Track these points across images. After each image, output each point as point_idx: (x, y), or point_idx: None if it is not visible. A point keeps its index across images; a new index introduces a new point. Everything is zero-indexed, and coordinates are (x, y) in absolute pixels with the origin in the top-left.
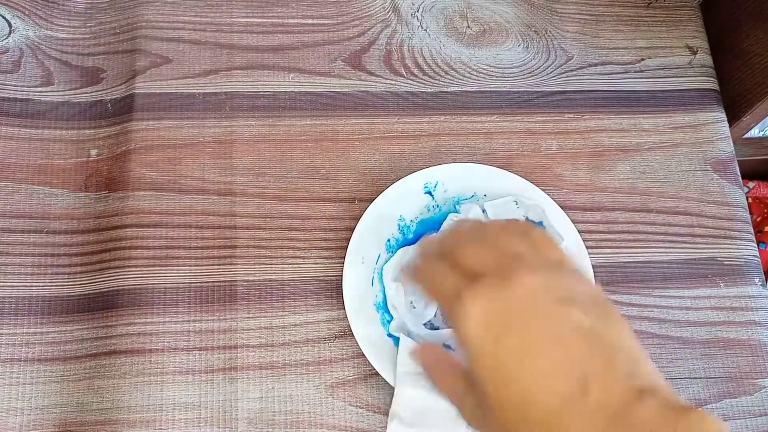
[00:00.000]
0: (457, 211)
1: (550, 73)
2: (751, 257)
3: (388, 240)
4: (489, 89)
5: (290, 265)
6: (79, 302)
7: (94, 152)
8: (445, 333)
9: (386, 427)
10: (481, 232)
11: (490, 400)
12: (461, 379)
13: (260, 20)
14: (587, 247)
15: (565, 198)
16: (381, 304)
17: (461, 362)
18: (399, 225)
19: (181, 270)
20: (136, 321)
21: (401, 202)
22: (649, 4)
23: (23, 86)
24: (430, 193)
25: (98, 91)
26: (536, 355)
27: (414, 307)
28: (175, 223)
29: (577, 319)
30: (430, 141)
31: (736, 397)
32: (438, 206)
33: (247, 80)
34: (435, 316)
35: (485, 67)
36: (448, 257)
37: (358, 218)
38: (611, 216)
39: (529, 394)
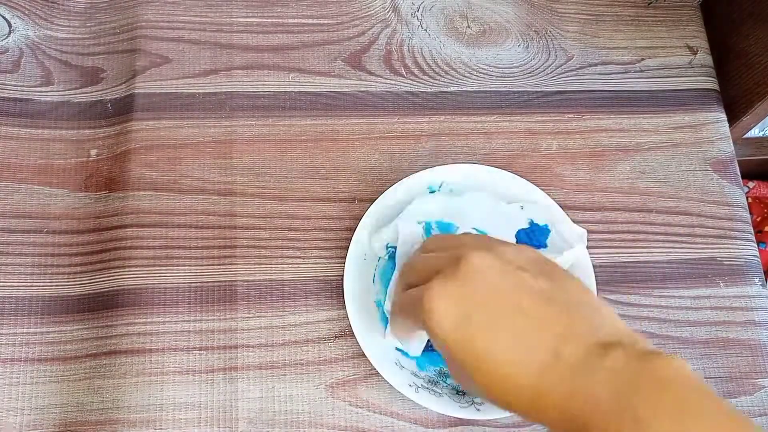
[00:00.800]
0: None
1: (550, 73)
2: (751, 257)
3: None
4: (489, 89)
5: (290, 265)
6: (79, 302)
7: (94, 152)
8: None
9: (386, 426)
10: (421, 251)
11: (474, 381)
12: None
13: (260, 20)
14: (588, 247)
15: (565, 198)
16: (381, 302)
17: None
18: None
19: (181, 270)
20: (136, 321)
21: (402, 202)
22: (649, 4)
23: (23, 86)
24: (434, 193)
25: (98, 91)
26: (502, 329)
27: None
28: (175, 223)
29: (531, 284)
30: (430, 141)
31: (736, 397)
32: None
33: (247, 80)
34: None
35: (485, 67)
36: (411, 277)
37: (358, 218)
38: (611, 216)
39: (506, 369)
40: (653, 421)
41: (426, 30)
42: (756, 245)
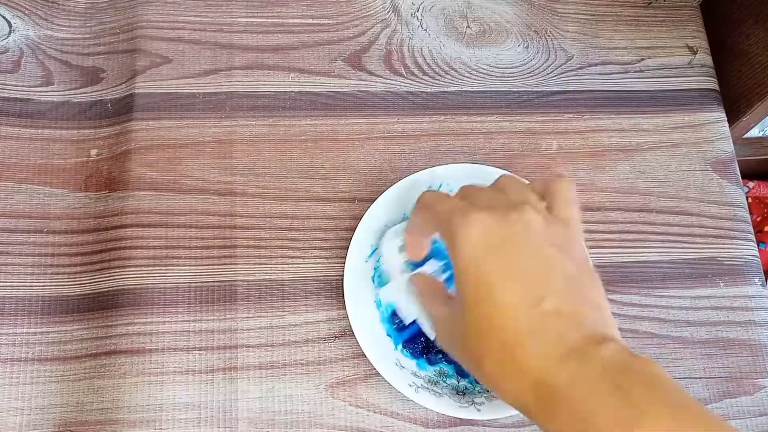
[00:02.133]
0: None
1: (550, 73)
2: (751, 257)
3: None
4: (489, 89)
5: (290, 265)
6: (79, 302)
7: (94, 152)
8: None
9: (386, 426)
10: (496, 186)
11: (464, 309)
12: (442, 294)
13: (260, 20)
14: (588, 247)
15: None
16: (380, 302)
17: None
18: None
19: (181, 270)
20: (136, 321)
21: (402, 202)
22: (649, 4)
23: (23, 86)
24: None
25: (98, 91)
26: (518, 280)
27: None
28: (175, 222)
29: (564, 264)
30: (430, 141)
31: (736, 397)
32: None
33: (247, 80)
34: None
35: (485, 67)
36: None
37: (358, 218)
38: (611, 216)
39: (500, 308)
40: (648, 407)
41: (426, 30)
42: (756, 245)
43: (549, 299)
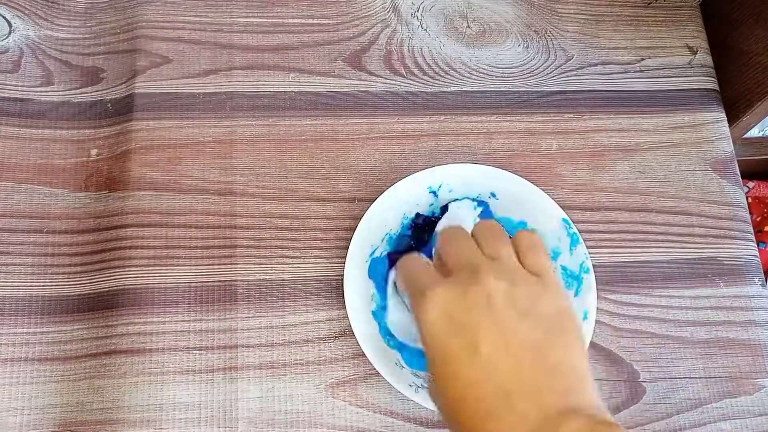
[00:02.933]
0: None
1: (550, 73)
2: (751, 257)
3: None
4: (489, 89)
5: (290, 265)
6: (79, 302)
7: (94, 152)
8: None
9: (386, 426)
10: (467, 234)
11: (438, 386)
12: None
13: (260, 20)
14: (588, 247)
15: (565, 198)
16: (376, 312)
17: None
18: (403, 223)
19: (181, 270)
20: (136, 321)
21: (402, 201)
22: (649, 4)
23: (23, 86)
24: (434, 193)
25: (98, 90)
26: (479, 357)
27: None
28: (175, 222)
29: (527, 333)
30: (430, 141)
31: (736, 397)
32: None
33: (247, 80)
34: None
35: (485, 67)
36: (436, 254)
37: (358, 218)
38: (611, 216)
39: (465, 392)
40: None
41: (426, 30)
42: (756, 245)
43: (509, 376)
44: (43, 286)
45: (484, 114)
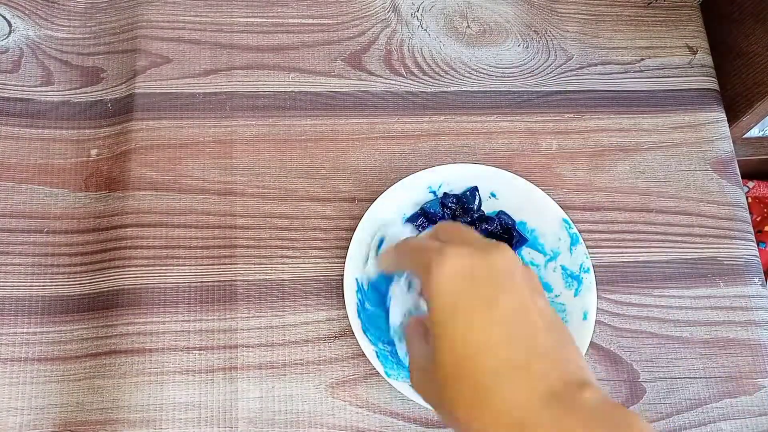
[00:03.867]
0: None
1: (550, 73)
2: (751, 257)
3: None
4: (489, 89)
5: (290, 265)
6: (79, 302)
7: (94, 152)
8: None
9: (386, 426)
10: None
11: (436, 353)
12: (421, 330)
13: (260, 20)
14: (588, 247)
15: (565, 198)
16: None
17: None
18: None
19: (181, 270)
20: (136, 321)
21: (402, 201)
22: (649, 4)
23: (23, 86)
24: (434, 193)
25: (98, 90)
26: (498, 312)
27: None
28: (175, 222)
29: (544, 306)
30: (430, 141)
31: (735, 397)
32: None
33: (247, 80)
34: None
35: (485, 67)
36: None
37: (358, 218)
38: (611, 216)
39: (473, 353)
40: None
41: (426, 30)
42: (756, 245)
43: (527, 340)
44: (43, 286)
45: (484, 114)
